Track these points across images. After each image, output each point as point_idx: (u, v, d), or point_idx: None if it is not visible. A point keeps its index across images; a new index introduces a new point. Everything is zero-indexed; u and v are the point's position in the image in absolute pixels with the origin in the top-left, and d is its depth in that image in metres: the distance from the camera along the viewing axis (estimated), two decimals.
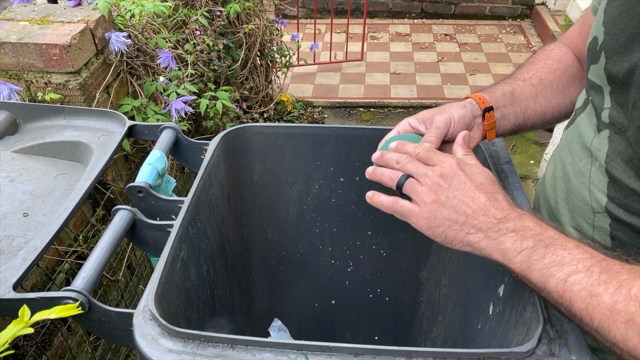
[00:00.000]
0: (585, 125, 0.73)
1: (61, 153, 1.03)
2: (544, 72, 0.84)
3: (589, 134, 0.71)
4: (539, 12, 4.24)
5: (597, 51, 0.69)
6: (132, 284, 1.70)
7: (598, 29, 0.69)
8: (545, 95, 0.83)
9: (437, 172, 0.63)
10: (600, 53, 0.68)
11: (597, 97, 0.69)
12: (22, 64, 1.36)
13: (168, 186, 0.99)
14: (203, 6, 2.11)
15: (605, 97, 0.67)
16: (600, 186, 0.67)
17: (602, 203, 0.67)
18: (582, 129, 0.73)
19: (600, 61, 0.68)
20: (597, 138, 0.68)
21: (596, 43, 0.69)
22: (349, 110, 3.39)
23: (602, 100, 0.68)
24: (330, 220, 1.13)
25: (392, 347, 0.58)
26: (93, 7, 1.47)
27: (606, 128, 0.67)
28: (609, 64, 0.66)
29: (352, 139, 1.01)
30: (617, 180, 0.65)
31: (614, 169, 0.65)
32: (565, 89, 0.84)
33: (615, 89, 0.65)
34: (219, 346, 0.60)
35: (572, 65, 0.85)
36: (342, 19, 4.24)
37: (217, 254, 0.98)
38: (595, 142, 0.69)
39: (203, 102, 1.75)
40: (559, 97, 0.84)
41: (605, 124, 0.67)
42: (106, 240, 0.76)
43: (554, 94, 0.84)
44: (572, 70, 0.85)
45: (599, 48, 0.68)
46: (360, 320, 1.27)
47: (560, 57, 0.86)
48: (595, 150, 0.69)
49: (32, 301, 0.67)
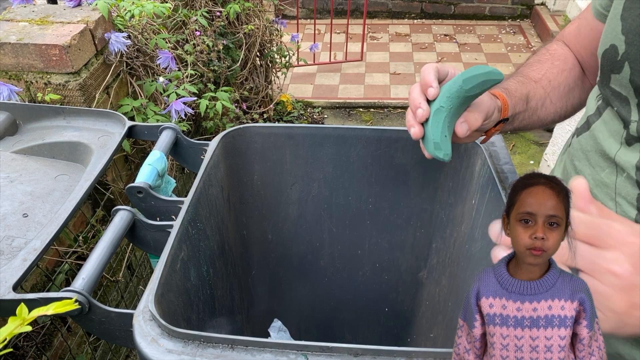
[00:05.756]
0: (604, 135, 0.69)
1: (61, 153, 1.03)
2: (553, 74, 0.82)
3: (612, 144, 0.67)
4: (538, 13, 4.25)
5: (618, 61, 0.65)
6: (132, 284, 1.70)
7: (615, 37, 0.66)
8: (552, 99, 0.81)
9: (626, 266, 0.47)
10: (623, 63, 0.64)
11: (624, 108, 0.66)
12: (22, 65, 1.36)
13: (168, 187, 0.99)
14: (203, 7, 2.11)
15: (633, 108, 0.64)
16: (629, 198, 0.65)
17: (630, 215, 0.64)
18: (601, 137, 0.70)
19: (624, 71, 0.64)
20: (625, 149, 0.65)
21: (616, 52, 0.66)
22: (349, 111, 3.39)
23: (630, 112, 0.65)
24: (330, 220, 1.13)
25: (392, 347, 0.58)
26: (93, 7, 1.47)
27: (637, 142, 0.63)
28: (635, 75, 0.63)
29: (352, 140, 1.01)
30: None
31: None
32: (570, 92, 0.83)
33: None
34: (218, 346, 0.60)
35: (575, 66, 0.84)
36: (341, 19, 4.24)
37: (217, 255, 0.98)
38: (622, 153, 0.66)
39: (203, 103, 1.75)
40: (562, 101, 0.83)
41: (634, 138, 0.63)
42: (106, 240, 0.76)
43: (559, 97, 0.82)
44: (575, 72, 0.84)
45: (621, 58, 0.65)
46: (360, 320, 1.27)
47: (565, 58, 0.84)
48: (623, 161, 0.65)
49: (32, 302, 0.67)
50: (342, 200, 1.09)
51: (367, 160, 1.02)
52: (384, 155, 1.02)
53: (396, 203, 1.07)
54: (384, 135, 0.99)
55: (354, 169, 1.04)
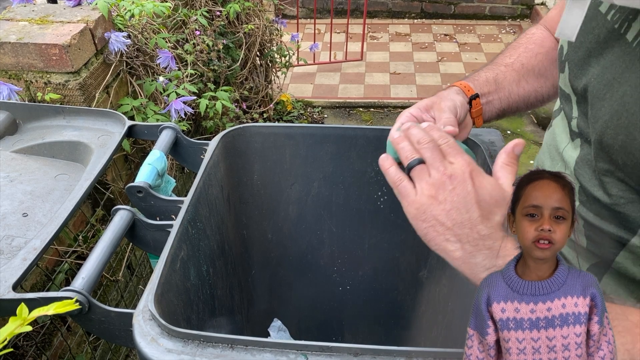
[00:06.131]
0: (559, 130, 0.74)
1: (61, 153, 1.03)
2: (526, 57, 0.85)
3: (563, 139, 0.72)
4: (538, 12, 4.25)
5: (562, 61, 0.70)
6: (131, 284, 1.70)
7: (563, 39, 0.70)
8: (527, 79, 0.84)
9: (448, 171, 0.60)
10: (565, 63, 0.69)
11: (567, 105, 0.70)
12: (22, 64, 1.36)
13: (168, 186, 0.99)
14: (203, 6, 2.11)
15: (573, 106, 0.68)
16: None
17: None
18: (557, 132, 0.74)
19: (566, 71, 0.69)
20: (570, 145, 0.69)
21: (562, 52, 0.70)
22: (349, 110, 3.39)
23: (571, 110, 0.69)
24: (330, 220, 1.13)
25: (392, 347, 0.58)
26: (93, 7, 1.47)
27: (577, 137, 0.68)
28: (571, 75, 0.66)
29: (351, 139, 1.01)
30: (584, 186, 0.65)
31: (581, 176, 0.66)
32: (547, 71, 0.85)
33: (579, 100, 0.66)
34: (218, 346, 0.60)
35: (553, 48, 0.86)
36: (341, 19, 4.24)
37: (217, 254, 0.97)
38: (568, 148, 0.70)
39: (203, 102, 1.75)
40: (541, 80, 0.85)
41: (575, 133, 0.68)
42: (106, 240, 0.76)
43: (536, 77, 0.84)
44: (554, 54, 0.85)
45: (564, 58, 0.69)
46: (360, 320, 1.27)
47: (542, 41, 0.87)
48: (567, 156, 0.69)
49: (32, 301, 0.67)
50: (342, 200, 1.09)
51: (367, 160, 1.02)
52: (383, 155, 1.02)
53: (396, 203, 1.07)
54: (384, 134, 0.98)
55: (354, 168, 1.04)
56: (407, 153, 0.64)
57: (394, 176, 0.64)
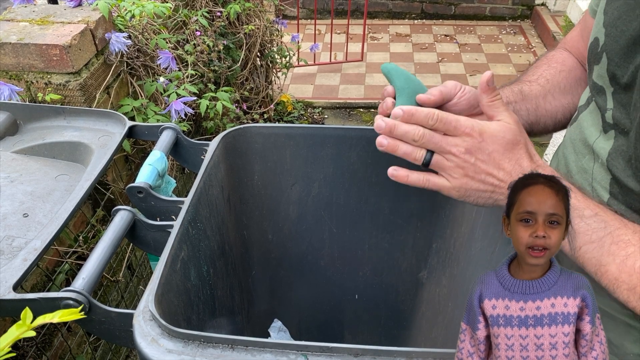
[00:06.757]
0: (588, 124, 0.73)
1: (61, 153, 1.03)
2: (550, 73, 0.84)
3: (593, 132, 0.71)
4: (539, 13, 4.25)
5: (598, 52, 0.69)
6: (132, 284, 1.70)
7: (599, 30, 0.69)
8: (554, 94, 0.83)
9: (462, 149, 0.61)
10: (602, 54, 0.68)
11: (600, 98, 0.70)
12: (23, 65, 1.36)
13: (168, 187, 0.99)
14: (203, 7, 2.11)
15: (608, 97, 0.68)
16: (603, 183, 0.68)
17: (604, 199, 0.68)
18: (585, 126, 0.73)
19: (602, 62, 0.68)
20: (602, 137, 0.69)
21: (597, 44, 0.69)
22: (349, 111, 3.39)
23: (605, 101, 0.68)
24: (330, 220, 1.13)
25: (392, 348, 0.58)
26: (93, 7, 1.47)
27: (611, 129, 0.67)
28: (611, 65, 0.66)
29: (352, 140, 1.01)
30: (617, 178, 0.65)
31: (614, 167, 0.66)
32: (573, 89, 0.84)
33: (618, 90, 0.65)
34: (219, 347, 0.60)
35: (576, 68, 0.85)
36: (342, 19, 4.24)
37: (217, 255, 0.98)
38: (599, 140, 0.69)
39: (203, 103, 1.75)
40: (567, 97, 0.84)
41: (609, 125, 0.67)
42: (106, 240, 0.76)
43: (562, 93, 0.84)
44: (577, 73, 0.85)
45: (600, 49, 0.68)
46: (360, 320, 1.27)
47: (563, 61, 0.86)
48: (599, 148, 0.69)
49: (32, 302, 0.67)
50: (342, 200, 1.09)
51: (367, 161, 1.02)
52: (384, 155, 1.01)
53: (396, 203, 1.07)
54: None
55: (354, 169, 1.04)
56: (414, 154, 0.65)
57: (417, 180, 0.67)
